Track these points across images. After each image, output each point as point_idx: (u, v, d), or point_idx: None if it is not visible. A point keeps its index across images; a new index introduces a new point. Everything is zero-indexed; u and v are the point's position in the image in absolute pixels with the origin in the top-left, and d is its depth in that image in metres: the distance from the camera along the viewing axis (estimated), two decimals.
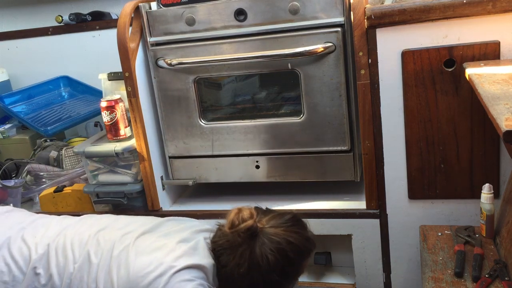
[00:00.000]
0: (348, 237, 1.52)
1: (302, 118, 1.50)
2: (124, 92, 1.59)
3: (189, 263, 1.11)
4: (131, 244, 1.17)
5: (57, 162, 1.97)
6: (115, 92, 1.83)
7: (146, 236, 1.21)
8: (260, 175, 1.61)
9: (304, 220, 1.27)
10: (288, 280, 1.21)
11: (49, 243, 1.22)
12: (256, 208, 1.23)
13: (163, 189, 1.70)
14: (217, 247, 1.19)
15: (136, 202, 1.69)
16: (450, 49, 1.27)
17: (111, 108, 1.65)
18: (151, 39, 1.56)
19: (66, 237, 1.23)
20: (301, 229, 1.22)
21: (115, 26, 1.54)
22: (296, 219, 1.24)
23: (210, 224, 1.29)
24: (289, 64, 1.45)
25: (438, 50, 1.28)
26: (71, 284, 1.15)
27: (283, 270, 1.17)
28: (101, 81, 1.90)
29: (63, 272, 1.17)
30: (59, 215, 1.40)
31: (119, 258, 1.15)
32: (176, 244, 1.16)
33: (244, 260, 1.14)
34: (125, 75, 1.55)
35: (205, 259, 1.15)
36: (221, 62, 1.49)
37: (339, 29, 1.38)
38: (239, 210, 1.18)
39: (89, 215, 1.39)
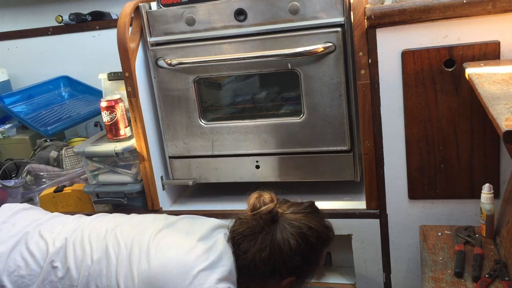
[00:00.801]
0: (348, 237, 1.52)
1: (302, 118, 1.50)
2: (124, 92, 1.59)
3: (211, 262, 1.11)
4: (151, 239, 1.18)
5: (57, 162, 1.97)
6: (115, 92, 1.83)
7: (164, 232, 1.22)
8: (260, 175, 1.61)
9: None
10: (309, 266, 1.22)
11: (66, 237, 1.23)
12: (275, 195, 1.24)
13: (163, 189, 1.70)
14: (236, 235, 1.19)
15: (136, 202, 1.69)
16: (450, 49, 1.27)
17: (111, 108, 1.65)
18: (151, 39, 1.56)
19: (84, 232, 1.24)
20: (319, 217, 1.24)
21: (115, 26, 1.54)
22: (315, 207, 1.26)
23: (226, 221, 1.29)
24: (289, 64, 1.45)
25: (438, 50, 1.28)
26: (89, 277, 1.16)
27: (304, 255, 1.17)
28: (101, 81, 1.90)
29: (80, 265, 1.18)
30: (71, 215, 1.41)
31: (139, 253, 1.15)
32: (197, 241, 1.17)
33: (265, 245, 1.15)
34: (125, 75, 1.55)
35: (227, 255, 1.15)
36: (221, 62, 1.49)
37: (339, 29, 1.38)
38: (260, 195, 1.19)
39: (103, 213, 1.40)
